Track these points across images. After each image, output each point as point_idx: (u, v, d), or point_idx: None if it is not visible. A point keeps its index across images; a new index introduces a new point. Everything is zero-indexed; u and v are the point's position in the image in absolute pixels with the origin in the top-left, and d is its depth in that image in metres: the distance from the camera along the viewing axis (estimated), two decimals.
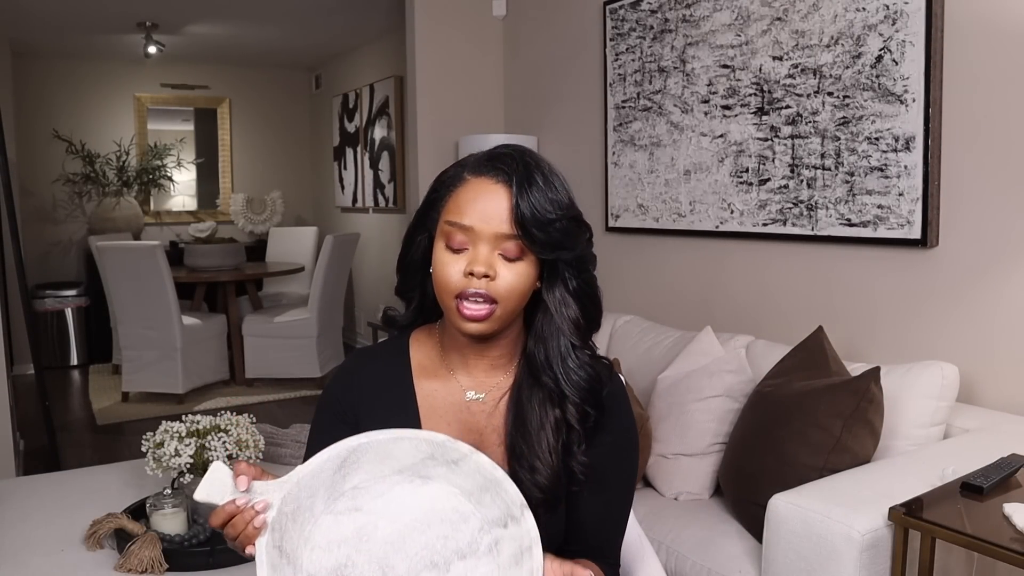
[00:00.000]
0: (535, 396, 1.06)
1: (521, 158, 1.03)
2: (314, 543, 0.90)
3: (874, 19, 2.25)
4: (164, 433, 1.95)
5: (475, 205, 1.00)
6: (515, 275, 1.01)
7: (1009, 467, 1.53)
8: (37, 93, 6.32)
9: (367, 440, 0.93)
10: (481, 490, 0.93)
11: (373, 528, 0.92)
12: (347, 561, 0.90)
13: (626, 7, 3.14)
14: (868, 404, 1.79)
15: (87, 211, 6.47)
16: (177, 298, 4.62)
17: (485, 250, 1.00)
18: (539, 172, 1.02)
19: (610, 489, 1.10)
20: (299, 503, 0.91)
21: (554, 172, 1.04)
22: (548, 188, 1.01)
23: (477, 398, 1.10)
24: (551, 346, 1.06)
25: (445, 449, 0.94)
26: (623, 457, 1.12)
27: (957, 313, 2.13)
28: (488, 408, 1.10)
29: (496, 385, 1.11)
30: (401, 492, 0.93)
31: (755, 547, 1.79)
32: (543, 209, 0.99)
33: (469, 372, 1.11)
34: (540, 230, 0.99)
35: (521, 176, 1.00)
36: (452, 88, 3.90)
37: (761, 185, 2.62)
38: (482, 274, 0.99)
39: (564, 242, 1.02)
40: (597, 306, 1.09)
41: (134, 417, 4.53)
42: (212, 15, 5.24)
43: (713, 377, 2.17)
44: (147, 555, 1.73)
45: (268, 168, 7.25)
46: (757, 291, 2.70)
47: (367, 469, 0.94)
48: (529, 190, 1.00)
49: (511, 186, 1.00)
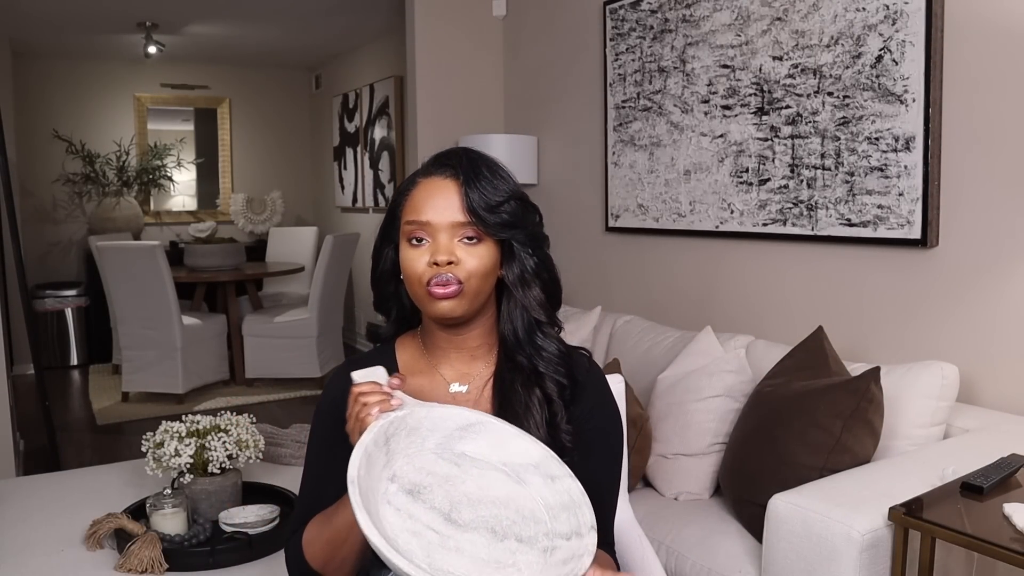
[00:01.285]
0: (516, 378, 1.13)
1: (465, 154, 1.13)
2: (411, 459, 1.00)
3: (874, 19, 2.25)
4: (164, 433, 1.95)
5: (429, 202, 1.09)
6: (476, 257, 1.09)
7: (1009, 467, 1.53)
8: (37, 93, 6.32)
9: (494, 422, 1.04)
10: (562, 508, 1.00)
11: (461, 481, 1.00)
12: (428, 486, 0.98)
13: (626, 7, 3.14)
14: (868, 404, 1.79)
15: (87, 211, 6.47)
16: (177, 298, 4.62)
17: (444, 239, 1.08)
18: (483, 164, 1.12)
19: (594, 457, 1.15)
20: (419, 428, 1.01)
21: (498, 164, 1.14)
22: (493, 176, 1.11)
23: (461, 390, 1.16)
24: (519, 325, 1.14)
25: (549, 464, 1.02)
26: (604, 427, 1.18)
27: (957, 313, 2.13)
28: (472, 398, 1.15)
29: (478, 375, 1.16)
30: (497, 480, 1.01)
31: (755, 547, 1.79)
32: (490, 194, 1.09)
33: (451, 365, 1.17)
34: (490, 212, 1.08)
35: (467, 169, 1.10)
36: (452, 88, 3.90)
37: (761, 185, 2.62)
38: (445, 262, 1.07)
39: (514, 222, 1.10)
40: (556, 282, 1.17)
41: (134, 417, 4.53)
42: (212, 15, 5.24)
43: (713, 377, 2.17)
44: (147, 555, 1.73)
45: (268, 168, 7.24)
46: (757, 291, 2.70)
47: (481, 445, 1.03)
48: (476, 180, 1.09)
49: (459, 178, 1.09)
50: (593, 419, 1.16)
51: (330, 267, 5.04)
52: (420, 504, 0.96)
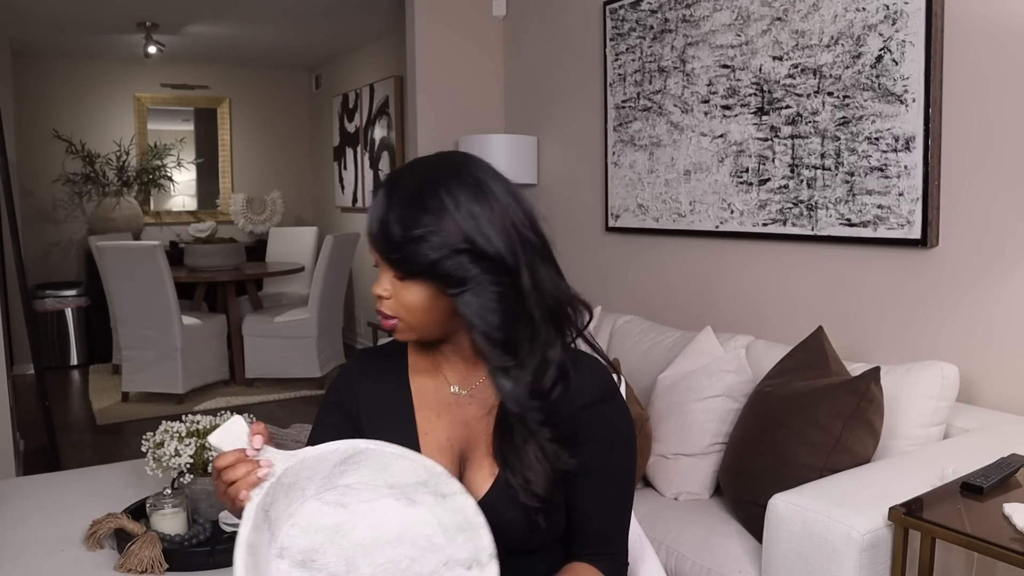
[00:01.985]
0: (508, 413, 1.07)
1: (396, 177, 1.03)
2: (295, 520, 0.94)
3: (874, 19, 2.25)
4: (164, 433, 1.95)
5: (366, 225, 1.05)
6: (408, 292, 1.02)
7: (1009, 467, 1.53)
8: (37, 93, 6.32)
9: (374, 447, 0.98)
10: (458, 529, 0.96)
11: (351, 527, 0.96)
12: (319, 548, 0.94)
13: (626, 7, 3.14)
14: (868, 404, 1.79)
15: (87, 211, 6.47)
16: (177, 298, 4.62)
17: (385, 271, 1.04)
18: (416, 189, 1.00)
19: (605, 482, 1.11)
20: (296, 479, 0.94)
21: (435, 192, 1.00)
22: (411, 208, 0.99)
23: (462, 393, 1.14)
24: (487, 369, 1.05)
25: (439, 481, 0.98)
26: (615, 449, 1.12)
27: (957, 313, 2.13)
28: (477, 407, 1.13)
29: (481, 380, 1.13)
30: (387, 505, 0.98)
31: (755, 547, 1.79)
32: (390, 229, 0.99)
33: (452, 367, 1.15)
34: (390, 250, 1.00)
35: (384, 196, 1.01)
36: (452, 88, 3.90)
37: (761, 185, 2.62)
38: (377, 295, 1.04)
39: (419, 269, 1.00)
40: (502, 325, 1.02)
41: (134, 417, 4.53)
42: (212, 15, 5.24)
43: (713, 377, 2.17)
44: (147, 555, 1.73)
45: (268, 168, 7.25)
46: (757, 291, 2.70)
47: (364, 474, 0.98)
48: (384, 210, 1.00)
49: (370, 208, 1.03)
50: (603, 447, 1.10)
51: (330, 267, 5.04)
52: (317, 574, 0.92)
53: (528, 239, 1.05)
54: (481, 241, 1.00)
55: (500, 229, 1.02)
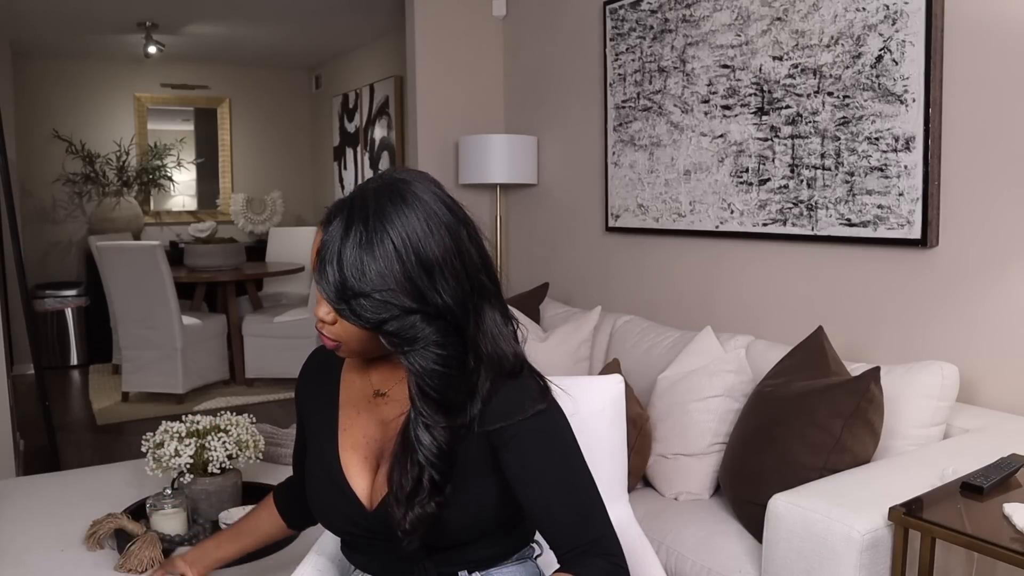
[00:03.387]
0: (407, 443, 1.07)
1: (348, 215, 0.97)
2: None
3: (874, 19, 2.25)
4: (164, 433, 1.95)
5: (311, 253, 1.01)
6: (349, 325, 1.02)
7: (1009, 467, 1.53)
8: (37, 93, 6.32)
9: None
10: None
11: None
12: None
13: (626, 7, 3.14)
14: (868, 404, 1.79)
15: (87, 211, 6.47)
16: (177, 298, 4.62)
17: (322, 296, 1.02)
18: (356, 237, 0.95)
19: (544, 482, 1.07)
20: None
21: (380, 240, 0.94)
22: (363, 254, 0.95)
23: (382, 392, 1.16)
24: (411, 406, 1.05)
25: None
26: (538, 452, 1.08)
27: (957, 313, 2.13)
28: (392, 407, 1.15)
29: (401, 381, 1.13)
30: None
31: (755, 547, 1.79)
32: (336, 285, 0.96)
33: (376, 368, 1.18)
34: (336, 300, 0.97)
35: (333, 236, 0.96)
36: (452, 88, 3.90)
37: (761, 185, 2.62)
38: (319, 318, 1.05)
39: (362, 320, 0.97)
40: (438, 385, 1.00)
41: (134, 417, 4.53)
42: (212, 15, 5.24)
43: (713, 377, 2.17)
44: (147, 555, 1.73)
45: (268, 168, 7.25)
46: (757, 291, 2.70)
47: None
48: (331, 260, 0.96)
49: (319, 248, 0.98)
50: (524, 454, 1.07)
51: None
52: None
53: (481, 285, 1.02)
54: (433, 298, 0.97)
55: (455, 280, 0.98)
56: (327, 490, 1.16)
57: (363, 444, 1.16)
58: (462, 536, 1.12)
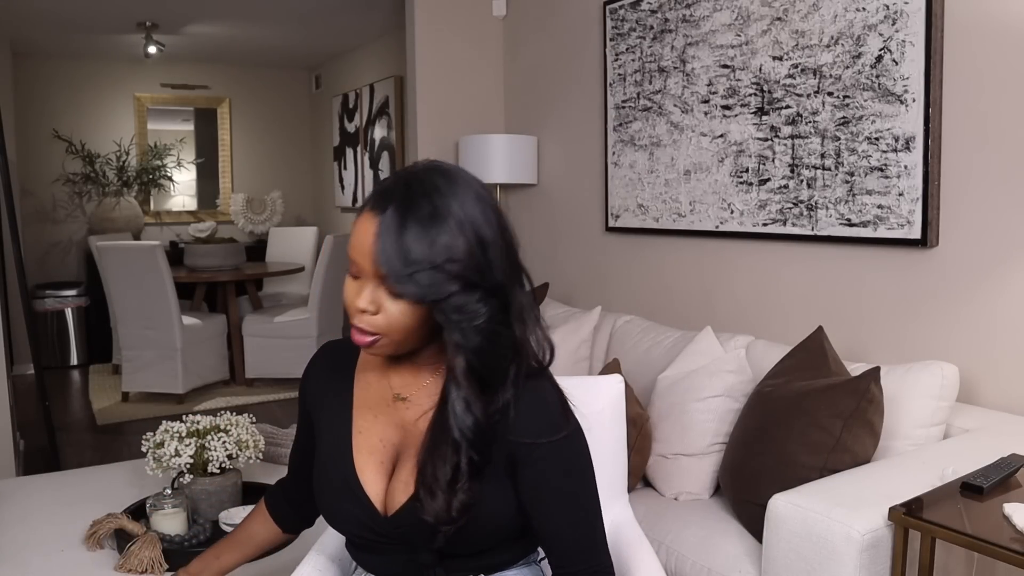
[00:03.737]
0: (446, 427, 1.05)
1: (406, 194, 0.97)
2: None
3: (874, 19, 2.25)
4: (164, 433, 1.95)
5: (356, 239, 0.99)
6: (398, 310, 0.98)
7: (1009, 467, 1.53)
8: (37, 93, 6.32)
9: None
10: None
11: None
12: None
13: (626, 7, 3.14)
14: (868, 404, 1.79)
15: (87, 211, 6.47)
16: (177, 298, 4.62)
17: (371, 283, 0.99)
18: (416, 214, 0.95)
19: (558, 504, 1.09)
20: None
21: (442, 216, 0.96)
22: (422, 231, 0.95)
23: (403, 397, 1.14)
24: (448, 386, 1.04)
25: None
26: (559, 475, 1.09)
27: (957, 313, 2.13)
28: (413, 411, 1.13)
29: (424, 386, 1.12)
30: None
31: (755, 547, 1.79)
32: (399, 256, 0.95)
33: (397, 371, 1.15)
34: (397, 279, 0.95)
35: (389, 217, 0.96)
36: (452, 88, 3.90)
37: (761, 185, 2.62)
38: (361, 309, 0.99)
39: (425, 295, 0.96)
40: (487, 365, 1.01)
41: (134, 417, 4.53)
42: (212, 15, 5.24)
43: (713, 377, 2.17)
44: (147, 555, 1.73)
45: (268, 168, 7.25)
46: (757, 291, 2.70)
47: None
48: (390, 234, 0.95)
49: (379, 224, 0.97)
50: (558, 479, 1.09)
51: (330, 267, 5.04)
52: None
53: (517, 269, 1.04)
54: (490, 275, 0.98)
55: (500, 260, 1.00)
56: (339, 493, 1.14)
57: (379, 448, 1.14)
58: (481, 543, 1.12)
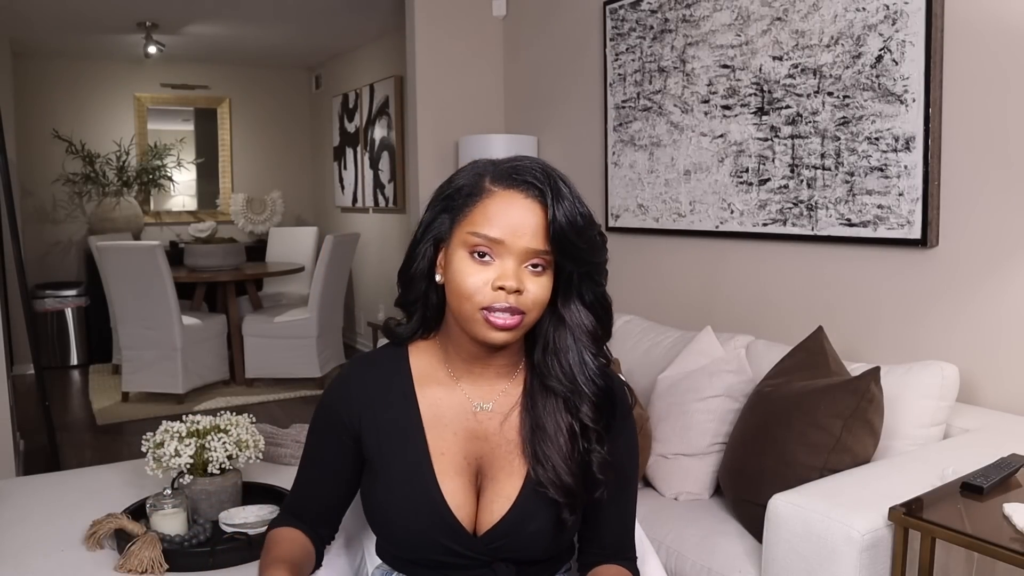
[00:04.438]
0: (548, 403, 1.08)
1: (547, 172, 1.03)
2: None
3: (874, 19, 2.25)
4: (164, 433, 1.95)
5: (505, 219, 1.00)
6: (540, 287, 1.02)
7: (1009, 467, 1.53)
8: (37, 93, 6.32)
9: None
10: None
11: None
12: None
13: (626, 7, 3.14)
14: (868, 404, 1.78)
15: (87, 211, 6.46)
16: (177, 298, 4.62)
17: (513, 264, 1.00)
18: (565, 186, 1.03)
19: (626, 487, 1.15)
20: None
21: (572, 185, 1.05)
22: (576, 201, 1.03)
23: (486, 407, 1.10)
24: (567, 357, 1.07)
25: None
26: (633, 455, 1.17)
27: (957, 313, 2.13)
28: (497, 417, 1.10)
29: (502, 392, 1.11)
30: None
31: (755, 547, 1.79)
32: (577, 223, 1.01)
33: (474, 381, 1.10)
34: (575, 244, 1.02)
35: (554, 190, 1.01)
36: (452, 88, 3.90)
37: (761, 185, 2.62)
38: (514, 288, 0.99)
39: (594, 254, 1.06)
40: (610, 316, 1.12)
41: (134, 417, 4.53)
42: (212, 15, 5.24)
43: (713, 377, 2.17)
44: (147, 555, 1.73)
45: (268, 168, 7.24)
46: (757, 291, 2.70)
47: None
48: (562, 204, 1.00)
49: (544, 200, 1.00)
50: (625, 457, 1.13)
51: (330, 267, 5.04)
52: None
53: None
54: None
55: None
56: (422, 522, 1.07)
57: (465, 467, 1.09)
58: (567, 541, 1.13)
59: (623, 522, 1.16)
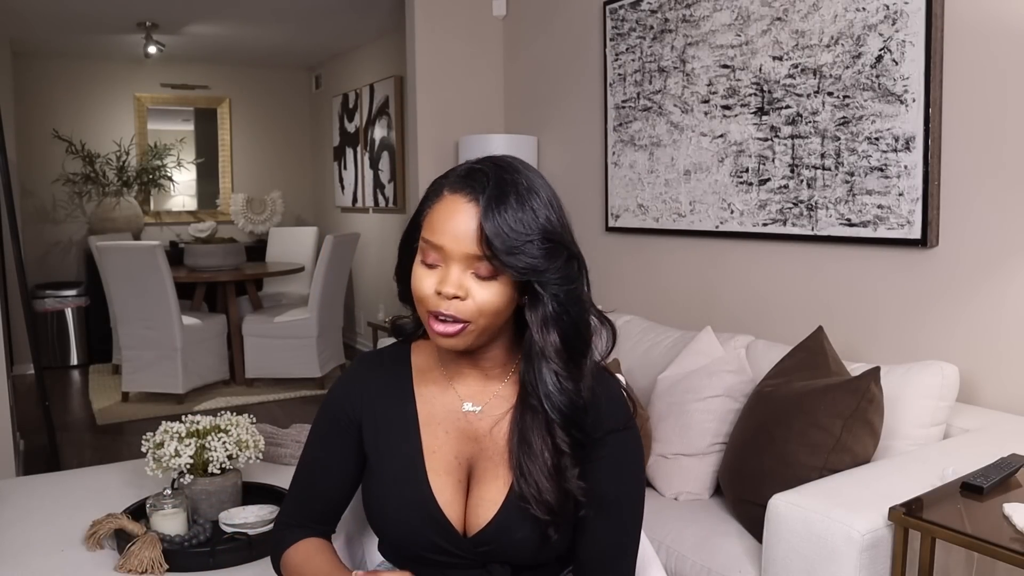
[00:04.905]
0: (535, 419, 1.05)
1: (497, 175, 1.00)
2: None
3: (874, 19, 2.25)
4: (164, 433, 1.95)
5: (447, 224, 0.99)
6: (488, 294, 0.99)
7: (1009, 467, 1.53)
8: (37, 93, 6.32)
9: None
10: None
11: None
12: None
13: (626, 7, 3.14)
14: (868, 404, 1.79)
15: (87, 211, 6.46)
16: (177, 298, 4.62)
17: (456, 270, 0.98)
18: (513, 190, 0.99)
19: (617, 508, 1.09)
20: None
21: (534, 191, 1.00)
22: (521, 207, 0.98)
23: (474, 410, 1.10)
24: (534, 367, 1.03)
25: None
26: (627, 477, 1.10)
27: (957, 313, 2.13)
28: (487, 421, 1.09)
29: (494, 395, 1.10)
30: None
31: (755, 547, 1.79)
32: (511, 231, 0.96)
33: (464, 381, 1.11)
34: (507, 253, 0.96)
35: (492, 195, 0.98)
36: (452, 88, 3.90)
37: (761, 185, 2.62)
38: (451, 295, 0.98)
39: (535, 265, 0.98)
40: (580, 333, 1.03)
41: (134, 417, 4.53)
42: (212, 15, 5.24)
43: (713, 377, 2.17)
44: (147, 556, 1.73)
45: (268, 168, 7.24)
46: (757, 291, 2.70)
47: None
48: (497, 210, 0.97)
49: (480, 205, 0.98)
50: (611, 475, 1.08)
51: (330, 267, 5.04)
52: None
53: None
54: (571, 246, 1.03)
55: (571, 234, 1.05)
56: (413, 517, 1.08)
57: (455, 466, 1.09)
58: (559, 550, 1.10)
59: (616, 540, 1.10)
